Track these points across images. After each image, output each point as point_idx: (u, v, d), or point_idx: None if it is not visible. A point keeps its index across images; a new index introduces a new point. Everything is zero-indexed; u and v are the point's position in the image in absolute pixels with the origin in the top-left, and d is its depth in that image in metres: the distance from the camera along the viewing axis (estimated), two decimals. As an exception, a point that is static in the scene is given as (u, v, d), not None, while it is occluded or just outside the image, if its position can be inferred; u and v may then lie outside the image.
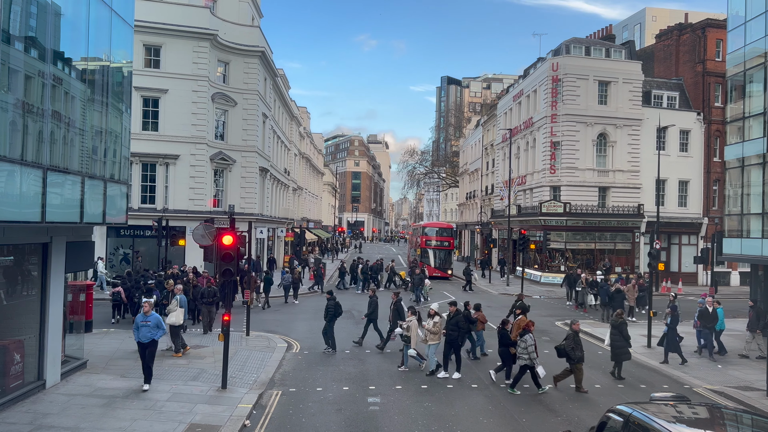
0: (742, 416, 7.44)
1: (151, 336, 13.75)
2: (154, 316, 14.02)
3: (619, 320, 16.57)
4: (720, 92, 42.87)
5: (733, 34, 24.00)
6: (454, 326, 15.80)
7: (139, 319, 14.03)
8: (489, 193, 59.36)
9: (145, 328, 13.83)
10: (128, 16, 15.51)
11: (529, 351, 14.53)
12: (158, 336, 13.90)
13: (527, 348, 14.55)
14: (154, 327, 13.86)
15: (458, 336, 15.76)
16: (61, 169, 12.06)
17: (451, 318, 16.05)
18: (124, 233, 32.66)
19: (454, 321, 15.90)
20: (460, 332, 15.80)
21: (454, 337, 15.71)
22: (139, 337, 13.87)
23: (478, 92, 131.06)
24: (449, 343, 15.72)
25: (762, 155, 21.85)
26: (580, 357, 14.54)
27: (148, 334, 13.77)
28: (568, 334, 15.13)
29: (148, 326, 13.81)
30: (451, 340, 15.69)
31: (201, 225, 22.39)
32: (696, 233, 43.32)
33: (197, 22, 34.00)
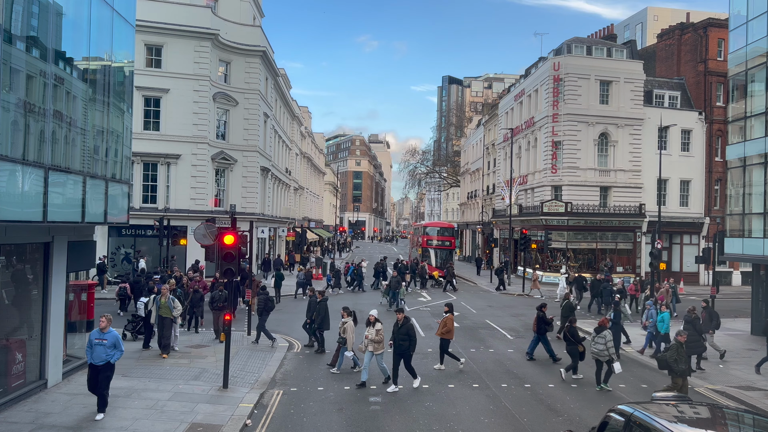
0: (744, 416, 7.43)
1: (107, 358, 11.59)
2: (112, 333, 11.74)
3: (692, 316, 16.98)
4: (722, 92, 42.81)
5: (734, 33, 23.97)
6: (404, 336, 14.43)
7: (93, 336, 11.72)
8: (490, 192, 59.32)
9: (100, 348, 11.59)
10: (130, 15, 15.52)
11: (608, 347, 14.80)
12: (115, 358, 11.72)
13: (606, 344, 14.80)
14: (111, 347, 11.64)
15: (409, 346, 14.43)
16: (62, 168, 12.07)
17: (400, 326, 14.51)
18: (126, 233, 32.70)
19: (405, 330, 14.48)
20: (411, 342, 14.45)
21: (405, 347, 14.38)
22: (92, 359, 11.62)
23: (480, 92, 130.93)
24: (399, 355, 14.43)
25: (764, 155, 21.82)
26: (683, 370, 13.71)
27: (103, 354, 11.58)
28: (671, 345, 14.02)
29: (104, 345, 11.59)
30: (402, 351, 14.37)
31: (202, 225, 22.40)
32: (697, 233, 43.28)
33: (199, 21, 34.02)
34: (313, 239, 66.35)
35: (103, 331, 11.71)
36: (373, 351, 14.54)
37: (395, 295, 28.04)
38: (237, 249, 14.49)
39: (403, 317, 14.70)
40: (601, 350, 14.84)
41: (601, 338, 14.87)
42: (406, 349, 14.37)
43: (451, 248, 45.72)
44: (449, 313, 16.73)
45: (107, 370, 11.70)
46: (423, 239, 45.20)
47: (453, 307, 17.28)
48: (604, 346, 14.78)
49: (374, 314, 15.04)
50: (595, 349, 14.97)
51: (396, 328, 14.60)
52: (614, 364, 14.70)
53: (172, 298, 17.12)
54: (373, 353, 14.58)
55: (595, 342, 15.03)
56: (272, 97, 43.43)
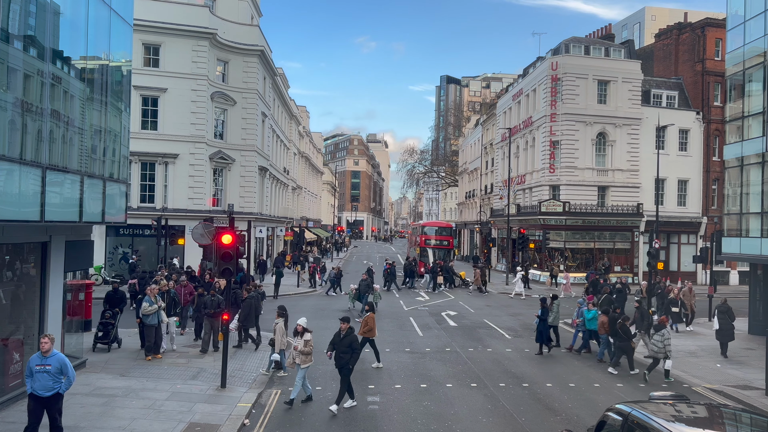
0: (741, 415, 7.44)
1: (55, 387, 9.47)
2: (56, 357, 9.54)
3: (725, 306, 17.98)
4: (719, 91, 42.89)
5: (732, 33, 24.02)
6: (346, 348, 12.79)
7: (33, 362, 9.52)
8: (488, 192, 59.36)
9: (43, 376, 9.41)
10: (127, 15, 15.49)
11: (665, 344, 15.53)
12: (64, 389, 9.60)
13: (664, 341, 15.54)
14: (57, 373, 9.47)
15: (350, 359, 12.81)
16: (60, 168, 12.05)
17: (343, 337, 12.99)
18: (124, 232, 32.67)
19: (348, 341, 12.92)
20: (353, 355, 12.89)
21: (345, 360, 12.74)
22: (34, 388, 9.42)
23: (478, 91, 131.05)
24: (338, 368, 12.88)
25: (761, 154, 21.87)
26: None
27: (49, 383, 9.42)
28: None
29: (48, 372, 9.43)
30: (342, 365, 12.76)
31: (200, 224, 22.44)
32: (695, 232, 43.36)
33: (196, 21, 33.98)
34: (311, 239, 66.34)
35: (45, 354, 9.49)
36: (300, 364, 13.00)
37: (363, 299, 25.16)
38: (235, 249, 14.47)
39: (347, 327, 13.06)
40: (659, 347, 15.68)
41: (660, 336, 15.69)
42: (345, 363, 12.72)
43: (449, 248, 45.72)
44: (370, 311, 16.93)
45: (56, 402, 9.57)
46: (421, 239, 45.21)
47: (374, 307, 17.33)
48: (662, 343, 15.62)
49: (302, 323, 13.44)
50: (654, 347, 15.81)
51: (338, 339, 13.02)
52: (668, 361, 15.78)
53: (157, 297, 16.75)
54: (300, 366, 13.04)
55: (654, 339, 15.84)
56: (270, 97, 43.40)
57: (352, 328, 13.24)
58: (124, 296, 18.63)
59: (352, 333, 13.10)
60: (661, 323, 16.07)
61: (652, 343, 15.88)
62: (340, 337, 13.02)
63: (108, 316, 17.36)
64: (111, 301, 18.05)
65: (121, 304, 18.14)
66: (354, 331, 13.23)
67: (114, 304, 17.96)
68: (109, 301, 18.05)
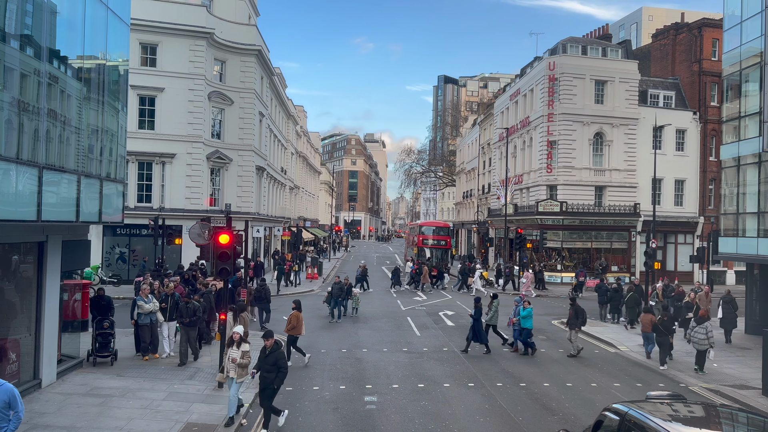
0: (738, 414, 7.46)
1: (2, 427, 7.60)
2: (4, 388, 7.66)
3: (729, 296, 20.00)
4: (716, 91, 42.97)
5: (729, 33, 24.07)
6: (271, 365, 11.37)
7: None
8: (486, 192, 59.40)
9: None
10: (124, 14, 15.47)
11: (708, 337, 16.37)
12: (11, 428, 7.67)
13: (708, 334, 16.36)
14: (5, 408, 7.59)
15: (276, 378, 11.35)
16: (57, 167, 12.02)
17: (268, 354, 11.51)
18: (121, 232, 32.62)
19: (273, 358, 11.45)
20: (279, 373, 11.37)
21: (269, 380, 11.28)
22: None
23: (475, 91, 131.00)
24: (263, 389, 11.43)
25: (758, 154, 21.92)
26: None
27: None
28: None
29: None
30: (267, 385, 11.30)
31: (197, 224, 22.34)
32: (692, 232, 43.43)
33: (194, 20, 33.92)
34: (309, 238, 66.29)
35: None
36: (235, 377, 11.73)
37: (338, 304, 24.28)
38: (232, 248, 14.47)
39: (273, 343, 11.62)
40: (702, 339, 16.48)
41: (703, 329, 16.48)
42: (270, 383, 11.34)
43: (447, 248, 45.77)
44: (296, 309, 16.92)
45: None
46: (419, 239, 45.25)
47: (300, 304, 17.15)
48: (705, 336, 16.39)
49: (239, 332, 12.20)
50: (696, 339, 16.63)
51: (262, 356, 11.59)
52: (711, 351, 16.61)
53: (151, 297, 16.51)
54: (234, 380, 11.75)
55: (697, 332, 16.62)
56: (267, 96, 43.36)
57: (278, 344, 11.84)
58: (110, 302, 16.56)
59: (279, 349, 11.66)
60: (701, 316, 16.95)
61: (695, 334, 16.64)
62: (265, 353, 11.56)
63: (107, 326, 15.60)
64: (97, 307, 16.19)
65: (109, 311, 16.23)
66: (281, 347, 11.85)
67: (101, 310, 16.13)
68: (96, 307, 16.22)
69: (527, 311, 18.62)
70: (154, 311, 16.54)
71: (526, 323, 18.56)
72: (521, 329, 18.72)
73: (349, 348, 19.13)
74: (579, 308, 18.93)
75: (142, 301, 16.31)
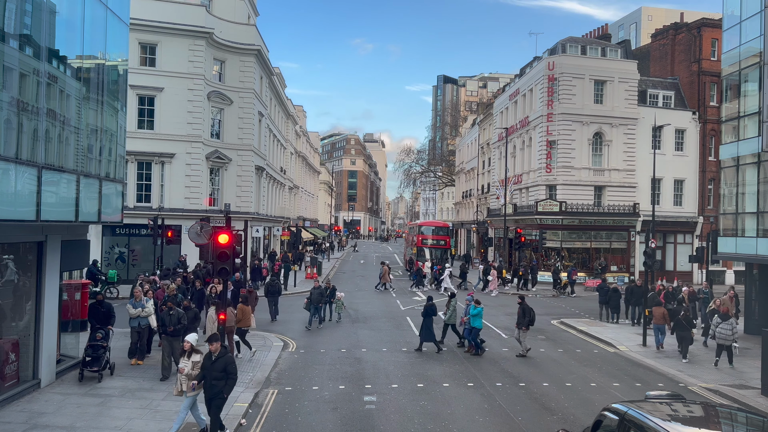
0: (737, 414, 7.46)
1: None
2: None
3: None
4: (715, 91, 42.99)
5: (728, 33, 24.08)
6: (220, 373, 10.43)
7: None
8: (485, 192, 59.41)
9: None
10: (124, 14, 15.47)
11: (734, 332, 17.24)
12: None
13: (733, 329, 17.18)
14: None
15: (225, 386, 10.47)
16: (56, 167, 12.02)
17: (214, 360, 10.54)
18: (120, 232, 32.60)
19: (221, 365, 10.48)
20: (228, 381, 10.49)
21: (218, 389, 10.41)
22: None
23: (475, 91, 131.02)
24: (210, 399, 10.49)
25: (757, 154, 21.93)
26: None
27: None
28: None
29: None
30: (213, 394, 10.42)
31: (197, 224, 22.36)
32: (691, 232, 43.46)
33: (193, 20, 33.91)
34: (308, 238, 66.29)
35: None
36: (187, 390, 10.77)
37: (317, 310, 22.74)
38: (232, 248, 14.46)
39: (219, 347, 10.71)
40: (727, 335, 17.13)
41: (728, 325, 17.13)
42: (219, 392, 10.42)
43: (446, 247, 45.77)
44: (242, 303, 17.28)
45: None
46: (418, 238, 45.27)
47: (247, 299, 17.68)
48: (731, 332, 17.09)
49: (192, 340, 11.14)
50: (721, 334, 17.20)
51: (208, 362, 10.60)
52: (735, 345, 17.60)
53: (146, 300, 16.03)
54: (186, 393, 10.80)
55: (722, 328, 17.24)
56: (267, 96, 43.35)
57: (225, 348, 10.90)
58: (110, 310, 15.37)
59: (226, 354, 10.73)
60: (725, 313, 17.58)
61: (720, 331, 17.23)
62: (211, 360, 10.59)
63: (99, 337, 14.11)
64: (96, 315, 14.94)
65: (109, 320, 15.03)
66: (227, 353, 10.86)
67: (100, 319, 14.83)
68: (94, 315, 14.96)
69: (477, 310, 18.43)
70: (143, 315, 15.73)
71: (475, 322, 18.37)
72: (471, 328, 18.55)
73: (349, 348, 19.13)
74: (527, 307, 18.65)
75: (130, 304, 15.82)
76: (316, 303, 22.51)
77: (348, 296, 31.75)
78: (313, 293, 22.76)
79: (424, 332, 18.87)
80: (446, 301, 20.92)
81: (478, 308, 18.55)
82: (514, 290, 35.89)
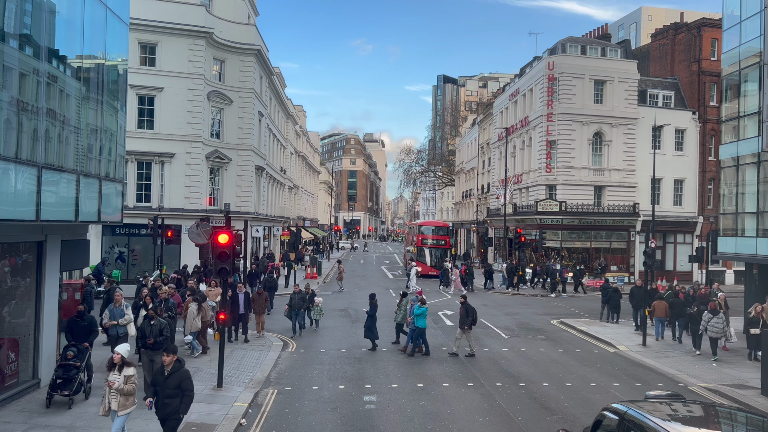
0: (737, 414, 7.47)
1: None
2: None
3: None
4: (715, 91, 42.97)
5: (728, 33, 24.07)
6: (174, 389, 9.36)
7: None
8: (485, 191, 59.41)
9: None
10: (124, 13, 15.46)
11: (724, 326, 18.34)
12: None
13: (723, 323, 18.24)
14: None
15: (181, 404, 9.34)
16: (56, 167, 12.01)
17: (168, 376, 9.45)
18: (120, 232, 32.58)
19: (176, 380, 9.40)
20: (184, 399, 9.39)
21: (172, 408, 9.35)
22: None
23: (475, 91, 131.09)
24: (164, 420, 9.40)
25: (757, 154, 21.92)
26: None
27: None
28: None
29: None
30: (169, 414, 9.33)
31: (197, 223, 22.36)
32: (691, 232, 43.46)
33: (193, 19, 33.91)
34: (308, 238, 66.31)
35: None
36: (117, 409, 9.44)
37: (298, 315, 21.19)
38: (231, 248, 14.46)
39: (173, 360, 9.45)
40: (719, 329, 18.12)
41: (719, 319, 18.11)
42: (174, 411, 9.28)
43: (446, 247, 45.81)
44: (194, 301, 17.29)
45: None
46: (418, 238, 45.30)
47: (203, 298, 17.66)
48: (723, 326, 18.16)
49: (123, 352, 9.78)
50: (714, 329, 18.11)
51: (160, 378, 9.43)
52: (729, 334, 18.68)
53: (126, 305, 14.97)
54: (116, 412, 9.47)
55: (713, 323, 18.12)
56: (267, 96, 43.35)
57: (180, 362, 9.55)
58: (92, 324, 13.50)
59: (181, 368, 9.48)
60: (713, 309, 18.48)
61: (712, 325, 18.12)
62: (164, 375, 9.39)
63: (71, 356, 12.01)
64: (74, 330, 13.10)
65: (90, 335, 13.22)
66: (183, 365, 9.61)
67: (79, 334, 12.98)
68: (72, 330, 13.13)
69: (421, 310, 18.18)
70: (122, 324, 14.59)
71: (419, 322, 18.14)
72: (414, 328, 18.32)
73: (348, 348, 19.13)
74: (469, 307, 18.54)
75: (108, 310, 14.64)
76: (297, 308, 21.11)
77: (348, 296, 31.76)
78: (294, 298, 21.33)
79: (369, 330, 18.82)
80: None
81: (422, 308, 18.26)
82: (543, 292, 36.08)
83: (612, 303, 25.24)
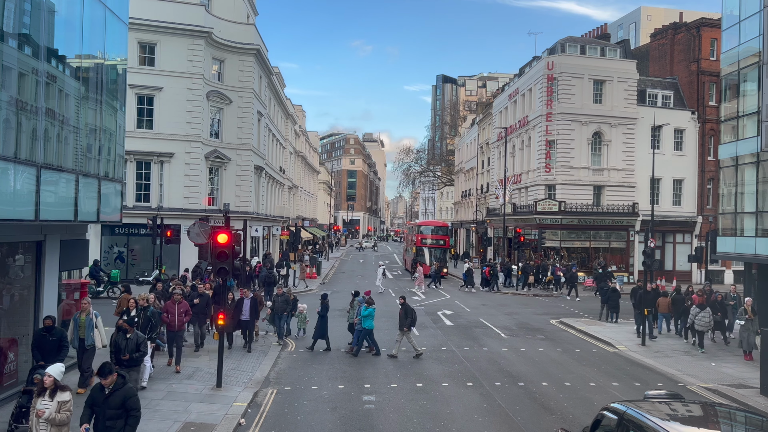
0: (736, 414, 7.47)
1: None
2: None
3: None
4: (714, 91, 42.99)
5: (727, 33, 24.08)
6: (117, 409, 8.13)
7: None
8: (484, 191, 59.42)
9: None
10: (123, 13, 15.45)
11: (710, 321, 19.26)
12: None
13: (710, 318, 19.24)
14: None
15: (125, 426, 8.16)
16: (55, 167, 12.00)
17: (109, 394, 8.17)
18: (119, 231, 32.59)
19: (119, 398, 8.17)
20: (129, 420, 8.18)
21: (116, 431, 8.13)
22: None
23: (474, 91, 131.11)
24: None
25: (756, 154, 21.93)
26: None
27: None
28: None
29: None
30: None
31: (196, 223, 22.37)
32: (690, 232, 43.49)
33: (192, 19, 33.90)
34: (307, 238, 66.28)
35: None
36: None
37: (281, 319, 19.79)
38: (231, 248, 14.46)
39: (114, 379, 8.23)
40: (706, 323, 19.14)
41: (706, 314, 19.07)
42: None
43: (446, 247, 45.81)
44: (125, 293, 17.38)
45: None
46: (417, 238, 45.28)
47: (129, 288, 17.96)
48: (709, 320, 19.13)
49: (56, 373, 8.13)
50: (701, 323, 19.13)
51: (100, 398, 8.17)
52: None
53: (96, 314, 13.28)
54: None
55: (700, 317, 19.11)
56: (266, 96, 43.34)
57: (123, 378, 8.37)
58: (62, 340, 11.61)
59: (125, 386, 8.29)
60: (700, 303, 19.41)
61: (699, 319, 19.05)
62: (104, 394, 8.15)
63: (38, 380, 8.48)
64: (42, 346, 11.31)
65: (60, 353, 11.30)
66: (127, 383, 8.40)
67: (47, 352, 11.15)
68: (39, 346, 11.35)
69: (369, 311, 18.02)
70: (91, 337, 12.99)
71: (366, 323, 17.98)
72: (361, 329, 18.14)
73: (348, 348, 19.11)
74: (408, 308, 18.38)
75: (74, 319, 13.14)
76: (281, 312, 19.56)
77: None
78: (277, 301, 19.74)
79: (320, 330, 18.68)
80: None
81: (369, 309, 18.09)
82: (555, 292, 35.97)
83: (611, 303, 25.26)
